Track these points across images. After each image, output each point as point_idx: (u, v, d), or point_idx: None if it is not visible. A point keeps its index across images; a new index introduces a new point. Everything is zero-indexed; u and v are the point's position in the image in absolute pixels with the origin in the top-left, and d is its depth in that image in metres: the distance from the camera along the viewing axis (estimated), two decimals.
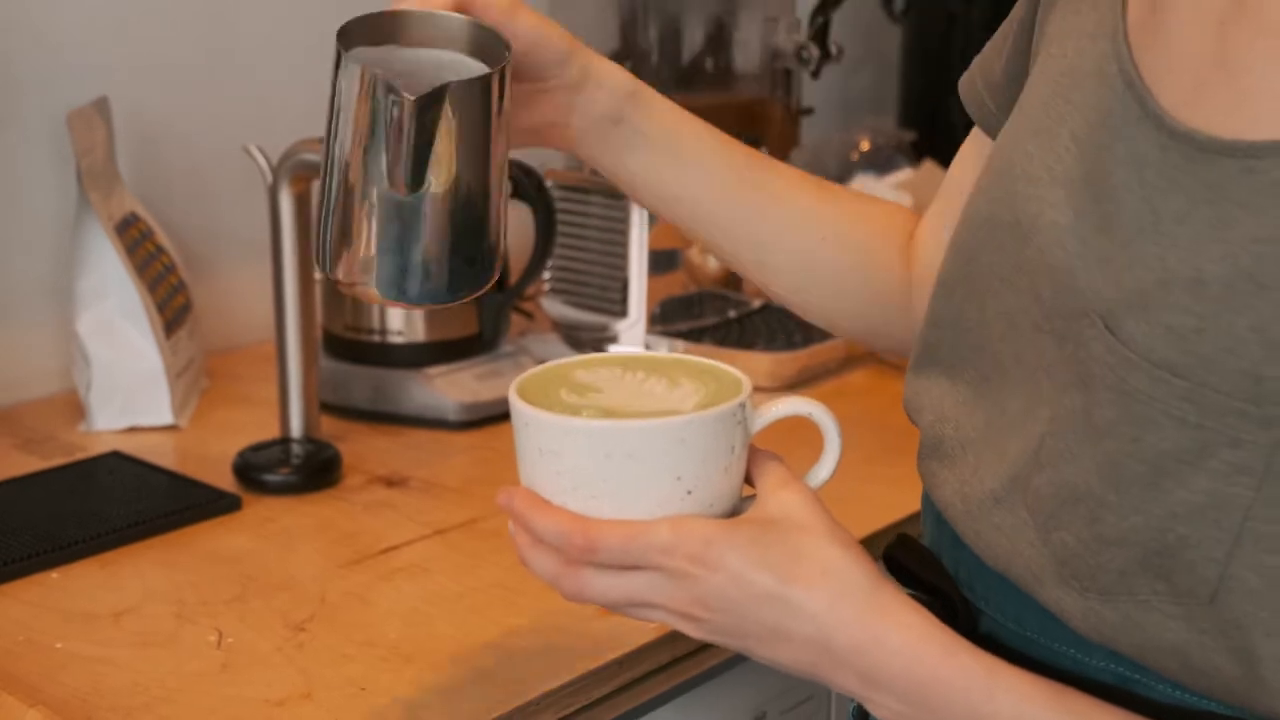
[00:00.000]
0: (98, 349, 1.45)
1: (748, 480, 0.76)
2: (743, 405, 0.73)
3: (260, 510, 1.28)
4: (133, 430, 1.45)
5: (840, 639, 0.70)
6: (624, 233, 1.63)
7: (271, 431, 1.39)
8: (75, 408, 1.49)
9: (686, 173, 0.93)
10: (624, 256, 1.63)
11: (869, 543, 1.23)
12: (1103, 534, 0.68)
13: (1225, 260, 0.64)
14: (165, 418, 1.46)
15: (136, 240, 1.49)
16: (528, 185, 1.51)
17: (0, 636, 1.05)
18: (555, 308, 1.69)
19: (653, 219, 1.62)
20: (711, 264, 1.68)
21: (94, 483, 1.32)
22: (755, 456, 0.76)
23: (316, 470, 1.32)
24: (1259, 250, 0.63)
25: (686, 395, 0.74)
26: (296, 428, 1.37)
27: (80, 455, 1.39)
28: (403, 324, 1.50)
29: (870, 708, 0.72)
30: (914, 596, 0.78)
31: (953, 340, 0.80)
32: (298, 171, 1.32)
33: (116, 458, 1.37)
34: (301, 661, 1.02)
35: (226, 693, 0.98)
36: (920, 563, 0.81)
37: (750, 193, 0.95)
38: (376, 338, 1.51)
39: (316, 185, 1.38)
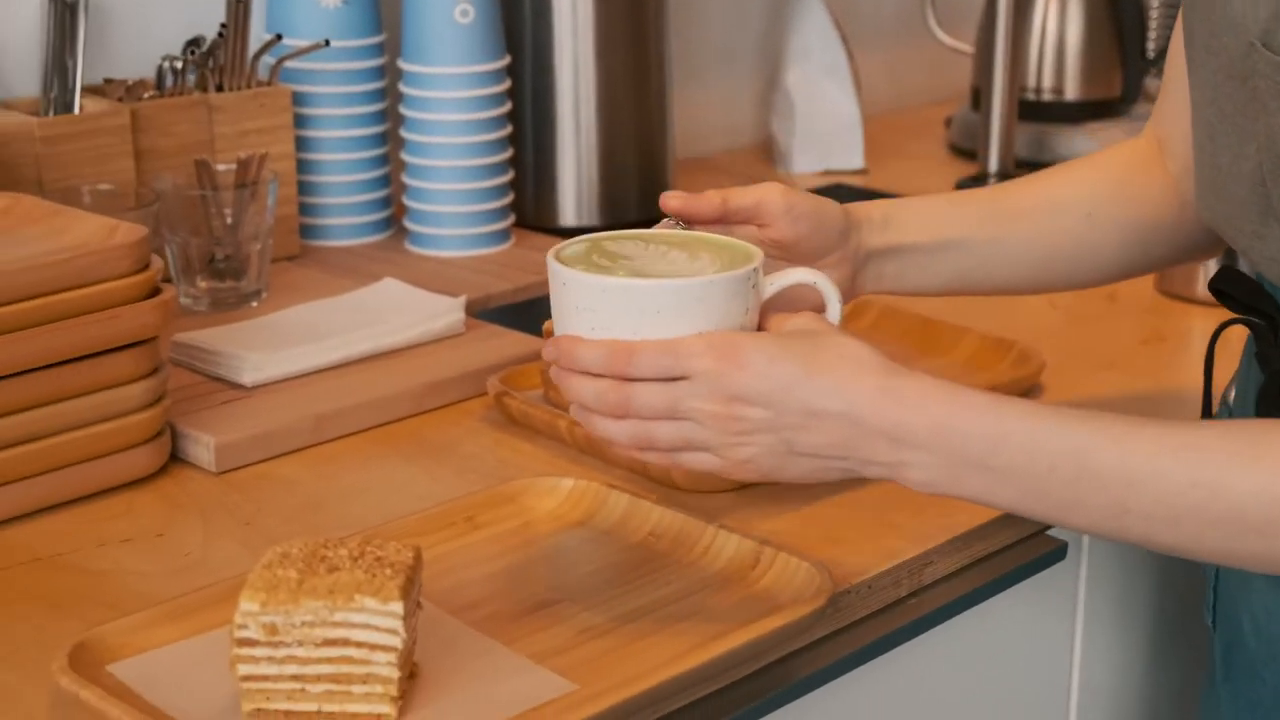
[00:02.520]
0: (802, 100, 1.68)
1: None
2: (755, 270, 0.80)
3: None
4: (826, 173, 1.68)
5: (865, 407, 0.76)
6: None
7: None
8: (770, 153, 1.73)
9: (948, 254, 0.97)
10: None
11: None
12: None
13: None
14: (857, 162, 1.69)
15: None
16: None
17: None
18: None
19: None
20: None
21: None
22: (766, 317, 0.82)
23: None
24: None
25: (705, 265, 0.81)
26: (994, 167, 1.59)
27: None
28: (1054, 83, 1.71)
29: (902, 473, 0.77)
30: (1244, 322, 0.88)
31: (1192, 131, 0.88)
32: None
33: (847, 189, 1.61)
34: None
35: None
36: (1246, 290, 0.87)
37: (1000, 223, 0.98)
38: (1032, 96, 1.71)
39: None
